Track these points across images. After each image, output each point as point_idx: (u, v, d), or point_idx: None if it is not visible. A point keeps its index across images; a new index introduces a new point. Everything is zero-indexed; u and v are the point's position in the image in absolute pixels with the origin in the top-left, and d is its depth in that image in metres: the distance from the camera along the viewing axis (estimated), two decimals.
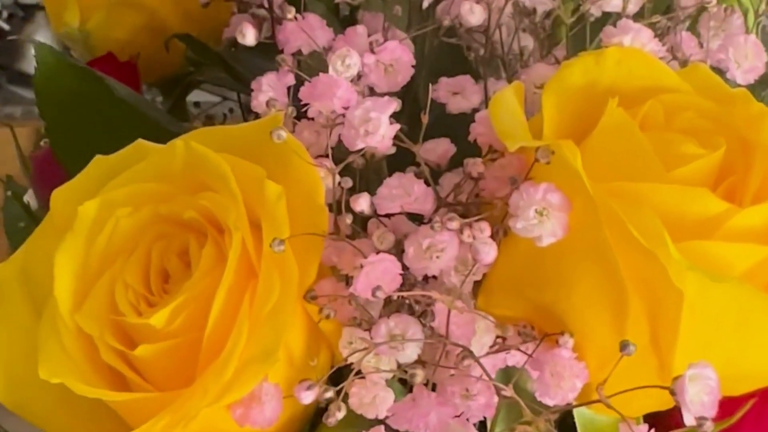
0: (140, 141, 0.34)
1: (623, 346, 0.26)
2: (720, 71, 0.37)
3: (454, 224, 0.29)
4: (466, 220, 0.30)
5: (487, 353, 0.31)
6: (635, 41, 0.33)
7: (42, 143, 0.52)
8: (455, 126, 0.36)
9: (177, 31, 0.47)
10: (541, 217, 0.29)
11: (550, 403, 0.30)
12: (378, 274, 0.29)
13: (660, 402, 0.30)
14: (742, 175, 0.31)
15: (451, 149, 0.35)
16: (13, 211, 0.54)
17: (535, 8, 0.39)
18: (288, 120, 0.34)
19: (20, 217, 0.52)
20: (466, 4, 0.35)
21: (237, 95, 0.49)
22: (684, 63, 0.36)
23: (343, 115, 0.31)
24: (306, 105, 0.32)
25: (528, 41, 0.41)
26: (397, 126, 0.30)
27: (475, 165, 0.31)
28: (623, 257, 0.28)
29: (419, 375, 0.28)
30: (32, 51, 0.37)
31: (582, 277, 0.29)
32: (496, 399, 0.30)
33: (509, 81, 0.39)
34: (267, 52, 0.40)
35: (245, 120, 0.50)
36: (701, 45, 0.39)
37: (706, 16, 0.40)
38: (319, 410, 0.35)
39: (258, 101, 0.34)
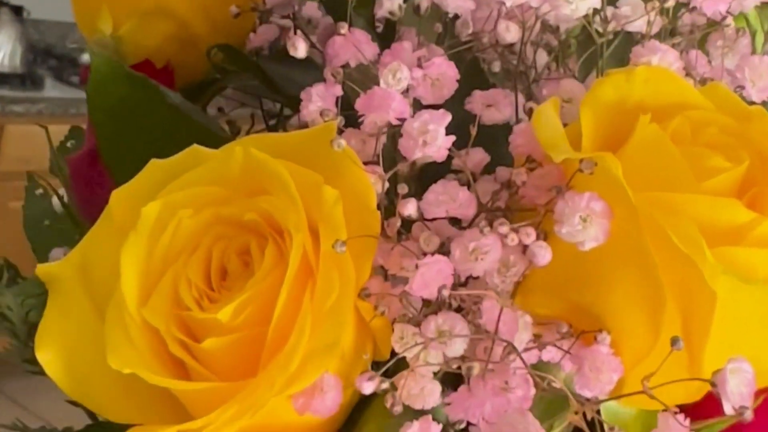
0: (196, 146, 0.36)
1: (674, 341, 0.29)
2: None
3: (504, 229, 0.32)
4: (515, 225, 0.32)
5: (526, 349, 0.33)
6: (662, 61, 0.36)
7: (68, 144, 0.53)
8: (482, 136, 0.38)
9: (205, 40, 0.49)
10: (585, 224, 0.31)
11: (588, 394, 0.32)
12: (433, 274, 0.32)
13: (687, 394, 0.33)
14: (763, 186, 0.33)
15: (485, 158, 0.37)
16: (35, 209, 0.55)
17: (559, 26, 0.42)
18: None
19: (43, 215, 0.54)
20: (503, 23, 0.37)
21: (259, 101, 0.51)
22: (702, 81, 0.39)
23: (397, 126, 0.34)
24: (360, 115, 0.34)
25: (541, 56, 0.43)
26: (452, 137, 0.33)
27: (519, 174, 0.34)
28: (661, 261, 0.31)
29: (476, 367, 0.31)
30: None
31: (622, 279, 0.32)
32: (533, 391, 0.32)
33: (525, 93, 0.42)
34: (289, 61, 0.42)
35: (267, 125, 0.52)
36: (710, 63, 0.42)
37: (714, 36, 0.42)
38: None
39: (308, 110, 0.36)
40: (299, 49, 0.37)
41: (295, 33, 0.48)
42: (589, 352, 0.32)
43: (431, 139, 0.32)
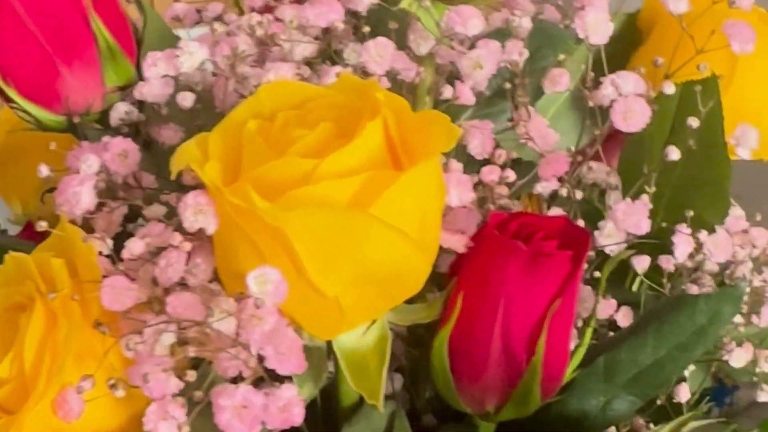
0: None
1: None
2: None
3: (144, 241, 0.42)
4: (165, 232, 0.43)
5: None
6: (278, 75, 0.46)
7: None
8: None
9: None
10: (199, 214, 0.41)
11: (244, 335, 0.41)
12: (117, 289, 0.42)
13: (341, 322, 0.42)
14: (346, 138, 0.42)
15: None
16: None
17: None
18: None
19: None
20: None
21: None
22: None
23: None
24: None
25: None
26: (93, 193, 0.44)
27: (173, 199, 0.44)
28: (250, 223, 0.40)
29: (132, 343, 0.41)
30: None
31: (238, 245, 0.41)
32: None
33: None
34: None
35: None
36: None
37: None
38: None
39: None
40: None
41: None
42: (243, 305, 0.41)
43: (78, 200, 0.44)
